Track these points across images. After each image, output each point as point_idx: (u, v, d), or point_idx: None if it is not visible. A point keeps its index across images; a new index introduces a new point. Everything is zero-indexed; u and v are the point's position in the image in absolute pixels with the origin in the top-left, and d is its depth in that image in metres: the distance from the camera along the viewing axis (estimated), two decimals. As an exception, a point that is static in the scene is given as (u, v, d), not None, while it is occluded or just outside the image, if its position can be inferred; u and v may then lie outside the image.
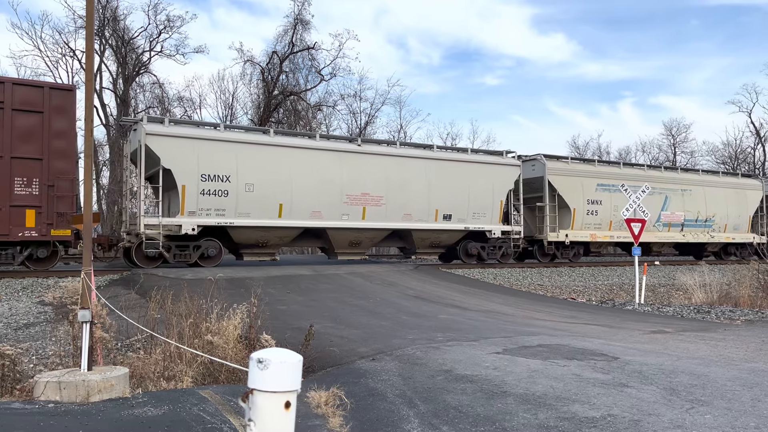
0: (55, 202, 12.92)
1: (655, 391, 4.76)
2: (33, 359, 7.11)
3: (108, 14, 32.63)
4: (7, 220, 12.55)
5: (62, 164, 13.14)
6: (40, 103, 13.00)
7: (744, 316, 11.04)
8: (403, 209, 17.66)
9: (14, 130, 12.70)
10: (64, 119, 13.31)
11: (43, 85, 13.66)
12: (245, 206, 15.41)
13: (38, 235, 12.89)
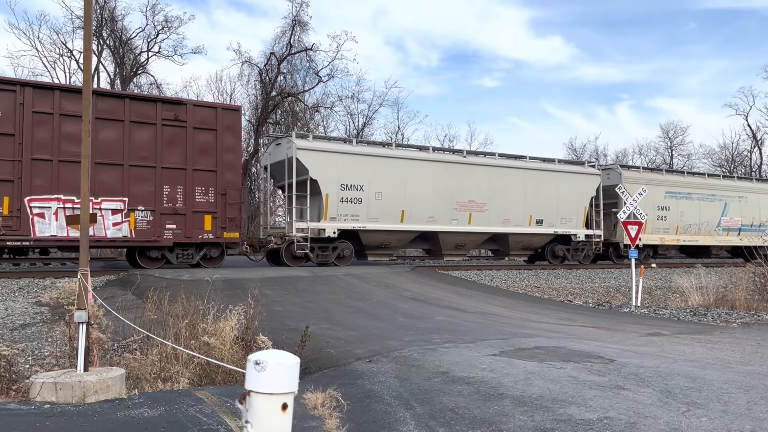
0: (226, 208, 14.93)
1: (652, 394, 4.77)
2: (29, 360, 7.09)
3: (106, 14, 32.61)
4: (191, 224, 14.52)
5: (231, 175, 15.18)
6: (214, 121, 14.94)
7: (740, 319, 11.07)
8: (503, 215, 19.55)
9: (194, 145, 14.66)
10: (232, 135, 15.36)
11: (216, 106, 15.55)
12: (374, 212, 17.44)
13: (213, 237, 14.82)
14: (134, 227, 14.00)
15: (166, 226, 14.33)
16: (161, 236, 14.27)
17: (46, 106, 13.31)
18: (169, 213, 14.36)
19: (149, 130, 14.22)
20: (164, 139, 14.41)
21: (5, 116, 12.96)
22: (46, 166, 13.24)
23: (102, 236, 13.57)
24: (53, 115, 13.34)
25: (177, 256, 14.77)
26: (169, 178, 14.41)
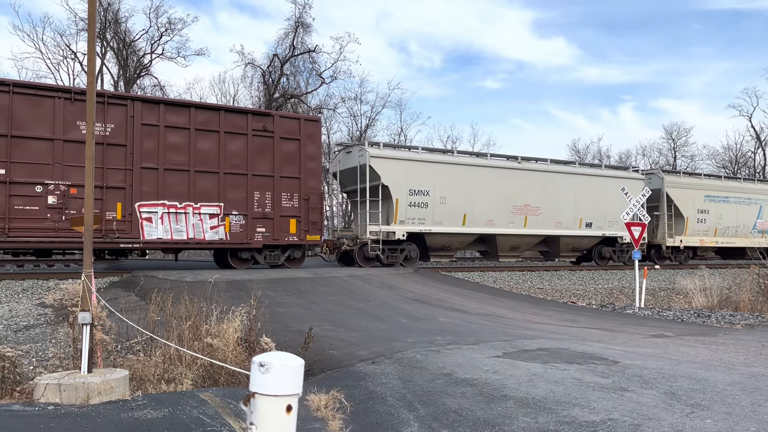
0: (309, 212, 16.05)
1: (655, 396, 4.76)
2: (33, 361, 7.11)
3: (109, 17, 32.70)
4: (278, 227, 15.65)
5: (313, 182, 16.25)
6: (297, 131, 16.08)
7: (744, 321, 11.04)
8: (555, 218, 20.62)
9: (281, 154, 15.79)
10: (313, 145, 16.48)
11: (299, 117, 16.79)
12: (439, 216, 18.48)
13: (298, 240, 16.00)
14: (229, 230, 15.13)
15: (257, 230, 15.47)
16: (252, 239, 15.41)
17: (153, 119, 14.42)
18: (259, 217, 15.49)
19: (241, 140, 15.35)
20: (254, 148, 15.51)
21: (118, 129, 14.03)
22: (153, 174, 14.32)
23: (201, 239, 14.74)
24: (158, 127, 14.46)
25: (265, 257, 15.92)
26: (258, 185, 15.53)
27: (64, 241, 13.54)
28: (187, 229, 14.61)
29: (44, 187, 13.32)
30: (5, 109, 13.00)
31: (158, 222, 14.31)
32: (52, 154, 13.41)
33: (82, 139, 13.27)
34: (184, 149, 14.62)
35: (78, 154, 13.33)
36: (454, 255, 20.48)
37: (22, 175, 13.11)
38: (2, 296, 11.33)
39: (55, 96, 13.54)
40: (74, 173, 13.42)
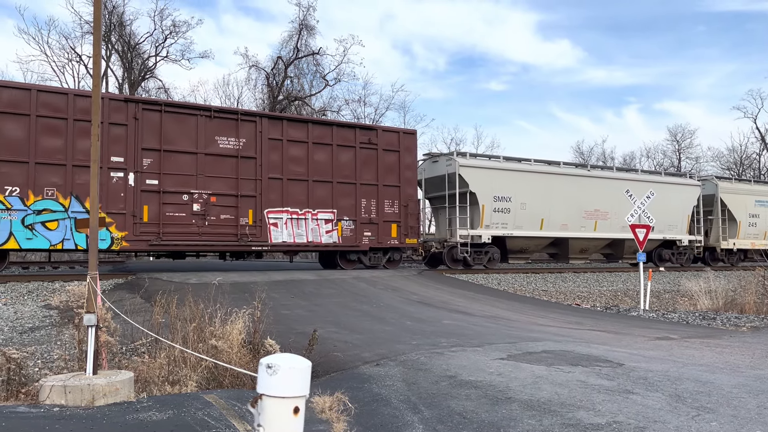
0: (408, 218, 17.46)
1: (661, 398, 4.75)
2: (38, 363, 7.12)
3: (114, 19, 32.82)
4: (381, 232, 17.06)
5: (410, 190, 17.65)
6: (397, 143, 17.48)
7: (750, 323, 11.00)
8: (621, 222, 21.03)
9: (383, 165, 17.19)
10: (410, 155, 17.80)
11: (398, 131, 18.14)
12: (519, 221, 19.75)
13: (398, 243, 17.40)
14: (341, 234, 16.63)
15: (364, 234, 16.92)
16: (360, 242, 16.86)
17: (277, 134, 15.90)
18: (366, 222, 16.96)
19: (350, 153, 16.80)
20: (361, 159, 16.96)
21: (249, 143, 15.48)
22: (278, 183, 15.80)
23: (318, 242, 16.31)
24: (282, 141, 15.91)
25: (369, 258, 17.29)
26: (365, 193, 16.96)
27: (206, 244, 15.09)
28: (307, 233, 16.21)
29: (189, 195, 14.77)
30: (157, 126, 14.44)
31: (283, 227, 15.84)
32: (195, 166, 14.86)
33: (219, 152, 15.13)
34: (302, 161, 16.13)
35: (215, 166, 15.06)
36: (530, 257, 21.64)
37: (172, 186, 14.56)
38: (8, 298, 11.37)
39: (197, 114, 15.03)
40: (213, 183, 15.00)
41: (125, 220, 13.99)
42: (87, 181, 13.26)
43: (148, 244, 14.28)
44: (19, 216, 12.98)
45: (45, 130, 13.28)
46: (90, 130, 13.96)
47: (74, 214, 13.38)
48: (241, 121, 15.45)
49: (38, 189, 13.20)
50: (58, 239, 13.35)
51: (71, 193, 13.46)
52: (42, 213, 13.21)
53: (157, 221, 14.29)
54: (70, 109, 13.52)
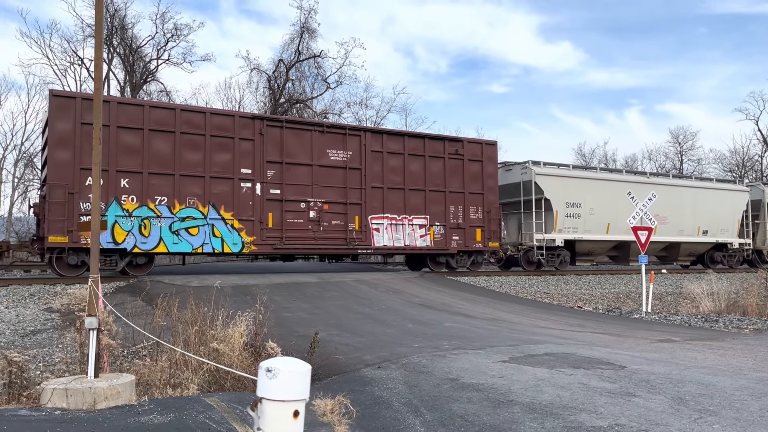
0: (490, 223, 18.70)
1: (663, 401, 4.73)
2: (40, 366, 7.13)
3: (116, 23, 32.86)
4: (467, 236, 18.36)
5: (492, 197, 18.91)
6: (480, 154, 18.82)
7: (752, 325, 10.98)
8: (678, 226, 23.31)
9: (468, 174, 18.46)
10: (492, 165, 19.12)
11: (481, 142, 19.42)
12: (588, 225, 21.15)
13: (482, 246, 18.60)
14: (433, 238, 17.89)
15: (452, 238, 18.15)
16: (449, 246, 18.11)
17: (378, 146, 17.29)
18: (454, 227, 18.19)
19: (439, 163, 18.13)
20: (449, 169, 18.23)
21: (354, 155, 16.89)
22: (379, 192, 17.17)
23: (414, 245, 17.62)
24: (382, 153, 17.32)
25: (456, 261, 18.49)
26: (452, 200, 18.21)
27: (321, 248, 16.49)
28: (404, 237, 17.53)
29: (306, 204, 16.20)
30: (278, 141, 15.89)
31: (384, 231, 17.25)
32: (311, 176, 16.26)
33: (330, 164, 16.52)
34: (399, 171, 17.54)
35: (327, 177, 16.47)
36: (594, 260, 23.12)
37: (292, 195, 15.99)
38: (9, 301, 11.38)
39: (312, 129, 16.50)
40: (326, 192, 16.42)
41: (253, 226, 15.41)
42: (221, 190, 15.11)
43: (273, 247, 15.73)
44: (167, 223, 14.35)
45: (187, 146, 14.71)
46: (224, 144, 15.82)
47: (212, 221, 14.88)
48: (348, 135, 16.91)
49: (182, 198, 14.58)
50: (199, 243, 14.75)
51: (209, 201, 14.87)
52: (185, 220, 14.60)
53: (280, 227, 15.75)
54: (207, 125, 14.98)
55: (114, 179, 13.87)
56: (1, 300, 11.40)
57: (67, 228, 13.31)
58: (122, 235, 13.89)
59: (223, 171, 15.12)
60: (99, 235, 6.00)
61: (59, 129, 13.53)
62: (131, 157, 14.07)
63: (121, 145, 14.00)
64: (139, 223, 14.02)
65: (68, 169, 13.50)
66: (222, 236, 15.02)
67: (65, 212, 13.33)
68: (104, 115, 13.42)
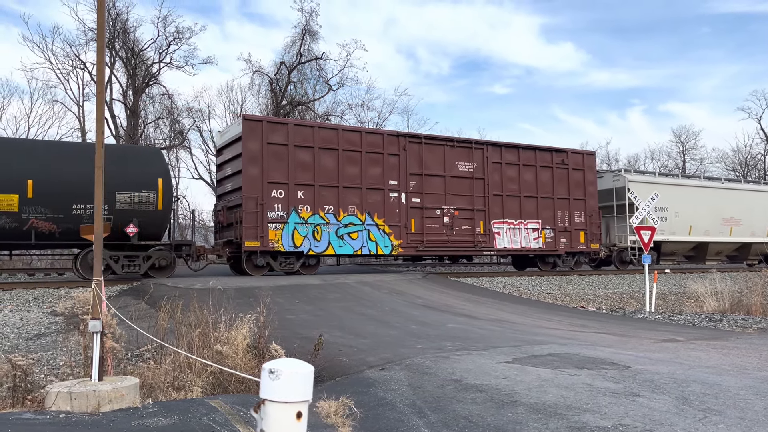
0: (592, 226, 20.69)
1: (667, 401, 4.72)
2: (44, 369, 7.14)
3: (118, 27, 32.92)
4: (573, 238, 20.32)
5: (593, 202, 20.87)
6: (582, 163, 20.81)
7: (756, 324, 10.95)
8: (750, 228, 25.43)
9: (572, 181, 20.41)
10: (591, 173, 21.13)
11: (582, 153, 21.66)
12: (673, 228, 23.06)
13: (585, 248, 20.65)
14: (544, 241, 19.79)
15: (560, 240, 20.05)
16: (558, 247, 20.07)
17: (497, 158, 19.14)
18: (562, 230, 20.10)
19: (548, 172, 20.08)
20: (556, 178, 20.16)
21: (478, 166, 18.84)
22: (498, 199, 19.11)
23: (528, 247, 19.55)
24: (501, 164, 19.18)
25: (563, 261, 20.51)
26: (560, 206, 20.12)
27: (453, 249, 18.49)
28: (520, 240, 19.38)
29: (441, 210, 18.18)
30: (418, 155, 17.93)
31: (504, 235, 19.12)
32: (444, 186, 18.27)
33: (458, 174, 18.53)
34: (515, 180, 19.42)
35: (457, 186, 18.48)
36: (675, 260, 25.06)
37: (430, 203, 17.98)
38: (13, 305, 11.41)
39: (444, 144, 18.49)
40: (456, 200, 18.40)
41: (400, 231, 17.44)
42: (374, 200, 17.20)
43: (416, 249, 17.73)
44: (333, 229, 16.52)
45: (347, 161, 16.83)
46: (375, 159, 17.53)
47: (368, 227, 16.96)
48: (473, 148, 18.92)
49: (344, 207, 16.71)
50: (358, 246, 16.85)
51: (365, 210, 16.98)
52: (348, 226, 16.73)
53: (421, 231, 17.74)
54: (362, 143, 17.07)
55: (293, 191, 16.04)
56: (6, 304, 11.43)
57: (258, 234, 15.47)
58: (300, 240, 16.07)
59: (375, 183, 17.23)
60: (102, 238, 6.02)
61: (250, 148, 15.61)
62: (305, 172, 16.20)
63: (297, 162, 16.12)
64: (312, 229, 16.21)
65: (257, 183, 15.59)
66: (376, 240, 17.14)
67: (256, 220, 15.44)
68: (282, 135, 16.04)
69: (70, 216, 13.37)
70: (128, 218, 13.95)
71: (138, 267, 14.32)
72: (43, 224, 13.26)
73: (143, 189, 14.16)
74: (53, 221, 13.31)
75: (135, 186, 14.08)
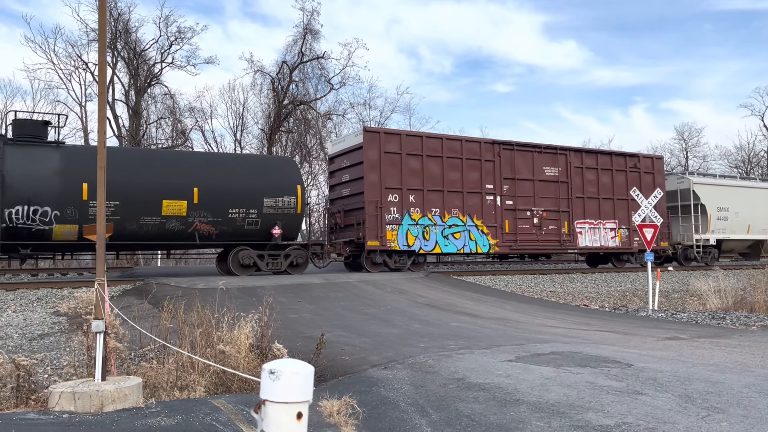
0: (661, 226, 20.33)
1: (670, 399, 4.72)
2: (48, 370, 7.16)
3: (120, 27, 32.98)
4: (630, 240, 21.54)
5: (661, 203, 20.61)
6: (651, 167, 22.33)
7: (759, 322, 10.92)
8: None
9: (643, 184, 21.26)
10: (660, 176, 22.55)
11: (652, 157, 23.02)
12: (733, 227, 24.50)
13: (656, 246, 20.40)
14: (620, 239, 21.20)
15: (634, 239, 21.18)
16: (631, 246, 21.43)
17: (578, 162, 20.78)
18: (635, 230, 19.81)
19: (622, 175, 21.55)
20: (630, 180, 21.38)
21: (562, 171, 20.32)
22: (580, 201, 20.54)
23: (607, 246, 21.02)
24: (582, 168, 20.81)
25: (636, 258, 21.63)
26: (633, 207, 20.03)
27: (541, 248, 19.94)
28: (600, 239, 20.80)
29: (531, 212, 19.58)
30: (510, 161, 19.38)
31: (585, 234, 20.58)
32: (533, 189, 19.69)
33: (545, 178, 19.96)
34: (594, 183, 20.91)
35: (544, 189, 19.89)
36: (732, 257, 26.99)
37: (521, 205, 19.41)
38: (17, 305, 11.44)
39: (532, 150, 19.93)
40: (543, 202, 19.83)
41: (496, 231, 18.87)
42: (474, 203, 18.61)
43: (510, 248, 19.21)
44: (440, 229, 18.01)
45: (449, 167, 18.32)
46: (473, 165, 18.74)
47: (468, 227, 18.44)
48: (558, 154, 20.38)
49: (448, 209, 18.20)
50: (461, 245, 18.37)
51: (466, 212, 18.45)
52: (452, 227, 18.22)
53: (514, 231, 19.18)
54: (463, 150, 18.58)
55: (405, 196, 17.63)
56: (9, 304, 11.47)
57: (378, 234, 17.06)
58: (412, 240, 17.64)
59: (474, 187, 18.65)
60: (104, 238, 6.03)
61: (370, 157, 17.23)
62: (414, 178, 17.78)
63: (408, 169, 17.69)
64: (422, 230, 17.76)
65: (376, 188, 17.21)
66: (475, 239, 18.61)
67: (376, 222, 17.05)
68: (396, 144, 17.69)
69: (226, 219, 15.18)
70: (273, 221, 15.74)
71: (280, 264, 16.03)
72: (204, 227, 15.02)
73: (285, 195, 15.95)
74: (212, 224, 15.07)
75: (278, 192, 15.88)
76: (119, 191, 13.75)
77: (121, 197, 13.90)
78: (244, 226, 15.49)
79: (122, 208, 14.01)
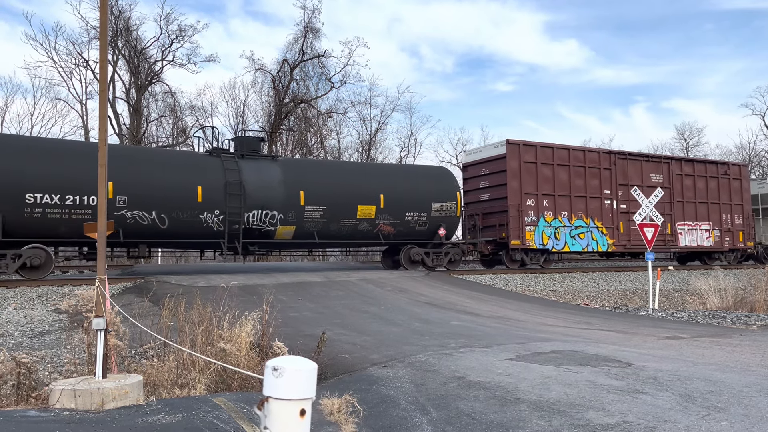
0: (747, 227, 24.38)
1: (671, 398, 4.72)
2: (48, 367, 7.16)
3: (121, 25, 32.97)
4: (734, 238, 23.90)
5: (747, 207, 24.48)
6: (738, 173, 24.47)
7: (760, 321, 10.92)
8: None
9: (731, 189, 24.00)
10: (746, 182, 24.74)
11: (739, 164, 25.15)
12: None
13: (743, 246, 24.26)
14: (714, 240, 23.48)
15: (725, 239, 23.69)
16: (723, 245, 23.70)
17: (678, 170, 22.79)
18: (726, 231, 23.72)
19: (714, 181, 23.74)
20: (721, 186, 23.77)
21: (665, 177, 22.33)
22: (680, 205, 22.62)
23: (702, 245, 23.13)
24: (681, 175, 22.82)
25: (725, 257, 24.15)
26: (724, 210, 23.71)
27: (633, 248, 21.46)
28: (696, 239, 22.98)
29: None
30: (624, 169, 21.48)
31: (686, 235, 22.73)
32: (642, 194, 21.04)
33: (651, 184, 21.81)
34: (691, 188, 22.99)
35: (651, 194, 21.31)
36: None
37: (632, 208, 20.89)
38: (18, 303, 11.44)
39: (640, 159, 22.04)
40: None
41: (613, 232, 20.95)
42: (594, 206, 20.60)
43: (624, 247, 21.26)
44: (568, 230, 20.09)
45: (575, 175, 20.39)
46: (594, 173, 20.79)
47: (591, 228, 20.46)
48: (661, 162, 22.57)
49: (574, 212, 20.30)
50: (585, 245, 20.43)
51: (589, 215, 20.49)
52: (577, 228, 20.26)
53: (627, 232, 21.10)
54: (586, 160, 20.68)
55: (540, 200, 19.70)
56: (10, 302, 11.47)
57: (519, 235, 19.16)
58: (546, 239, 19.70)
59: (594, 192, 20.70)
60: (105, 236, 6.02)
61: (512, 166, 19.32)
62: (547, 184, 19.86)
63: (542, 177, 19.78)
64: (554, 230, 19.82)
65: (517, 194, 19.23)
66: (597, 239, 20.60)
67: (518, 224, 19.15)
68: (532, 155, 19.72)
69: (403, 221, 17.67)
70: (438, 223, 18.18)
71: (441, 260, 18.30)
72: (386, 228, 17.47)
73: (448, 200, 18.46)
74: (392, 225, 17.53)
75: (443, 197, 18.40)
76: (327, 198, 16.42)
77: (328, 203, 16.42)
78: (415, 227, 17.98)
79: (328, 212, 16.46)
